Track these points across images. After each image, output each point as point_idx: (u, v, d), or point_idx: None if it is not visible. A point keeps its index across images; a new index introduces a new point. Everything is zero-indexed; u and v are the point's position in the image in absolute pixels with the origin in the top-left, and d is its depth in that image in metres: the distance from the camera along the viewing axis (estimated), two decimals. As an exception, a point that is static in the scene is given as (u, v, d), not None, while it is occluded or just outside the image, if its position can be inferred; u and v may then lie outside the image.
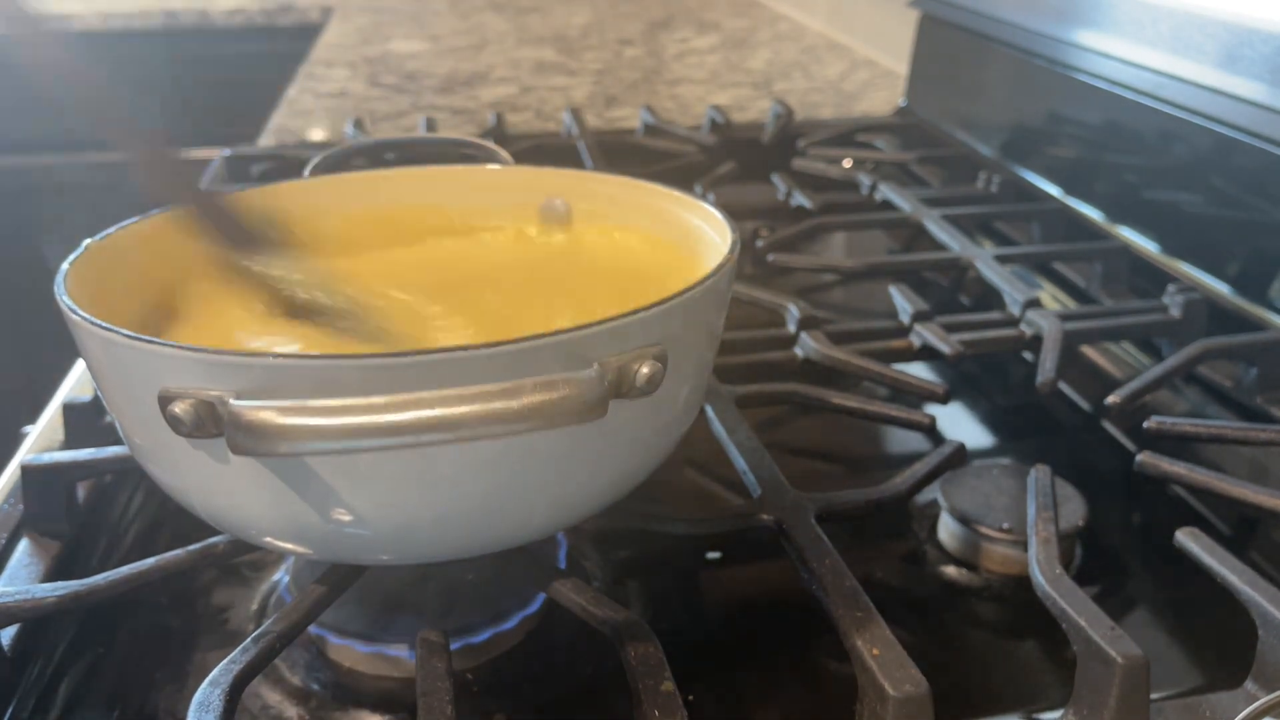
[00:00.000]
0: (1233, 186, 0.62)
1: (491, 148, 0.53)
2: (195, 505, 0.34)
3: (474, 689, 0.39)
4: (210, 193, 0.37)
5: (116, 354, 0.31)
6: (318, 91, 1.21)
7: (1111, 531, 0.48)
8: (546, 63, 1.35)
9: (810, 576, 0.38)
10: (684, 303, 0.33)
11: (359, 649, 0.39)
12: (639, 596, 0.44)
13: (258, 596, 0.44)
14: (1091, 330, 0.59)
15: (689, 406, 0.38)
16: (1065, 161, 0.79)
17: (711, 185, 0.84)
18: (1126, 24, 0.72)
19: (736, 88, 1.22)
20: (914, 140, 0.98)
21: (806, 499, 0.43)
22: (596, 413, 0.29)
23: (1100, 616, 0.34)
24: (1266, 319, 0.58)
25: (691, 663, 0.36)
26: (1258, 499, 0.42)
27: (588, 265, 0.46)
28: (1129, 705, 0.32)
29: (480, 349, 0.29)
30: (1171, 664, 0.41)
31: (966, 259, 0.68)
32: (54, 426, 0.51)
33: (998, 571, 0.45)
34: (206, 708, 0.31)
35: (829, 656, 0.40)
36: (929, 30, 1.01)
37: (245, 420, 0.27)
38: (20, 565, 0.42)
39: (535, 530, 0.36)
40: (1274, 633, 0.35)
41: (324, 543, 0.33)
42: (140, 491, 0.50)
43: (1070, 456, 0.56)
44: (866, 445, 0.57)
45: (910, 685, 0.32)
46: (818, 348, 0.56)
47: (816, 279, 0.75)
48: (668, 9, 1.74)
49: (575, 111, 0.99)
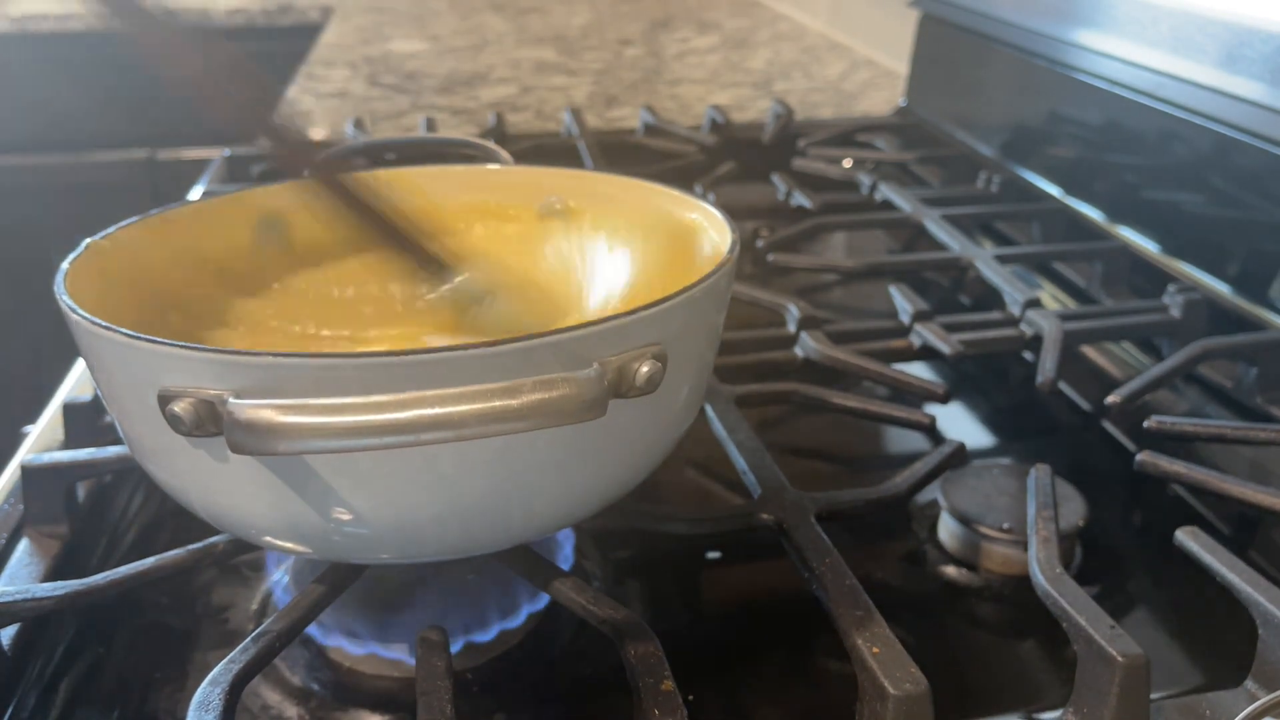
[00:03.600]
0: (1233, 186, 0.62)
1: (491, 148, 0.53)
2: (195, 505, 0.34)
3: (474, 689, 0.39)
4: (346, 172, 0.37)
5: (116, 353, 0.31)
6: (318, 91, 1.21)
7: (1111, 531, 0.48)
8: (546, 63, 1.35)
9: (810, 576, 0.38)
10: (684, 302, 0.33)
11: (358, 649, 0.39)
12: (639, 596, 0.44)
13: (258, 596, 0.44)
14: (1091, 330, 0.59)
15: (689, 406, 0.38)
16: (1065, 161, 0.79)
17: (711, 185, 0.84)
18: (1126, 24, 0.72)
19: (736, 88, 1.22)
20: (914, 140, 0.98)
21: (806, 499, 0.43)
22: (596, 412, 0.29)
23: (1100, 616, 0.34)
24: (1266, 319, 0.58)
25: (691, 663, 0.36)
26: (1258, 499, 0.42)
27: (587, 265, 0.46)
28: (1129, 705, 0.32)
29: (480, 348, 0.29)
30: (1171, 664, 0.41)
31: (966, 259, 0.68)
32: (54, 426, 0.51)
33: (998, 571, 0.45)
34: (206, 707, 0.31)
35: (829, 656, 0.40)
36: (929, 30, 1.01)
37: (244, 419, 0.27)
38: (20, 565, 0.42)
39: (535, 530, 0.36)
40: (1274, 633, 0.35)
41: (324, 542, 0.33)
42: (140, 491, 0.50)
43: (1070, 456, 0.56)
44: (866, 445, 0.57)
45: (910, 685, 0.32)
46: (818, 348, 0.56)
47: (816, 279, 0.75)
48: (668, 9, 1.74)
49: (575, 111, 0.99)
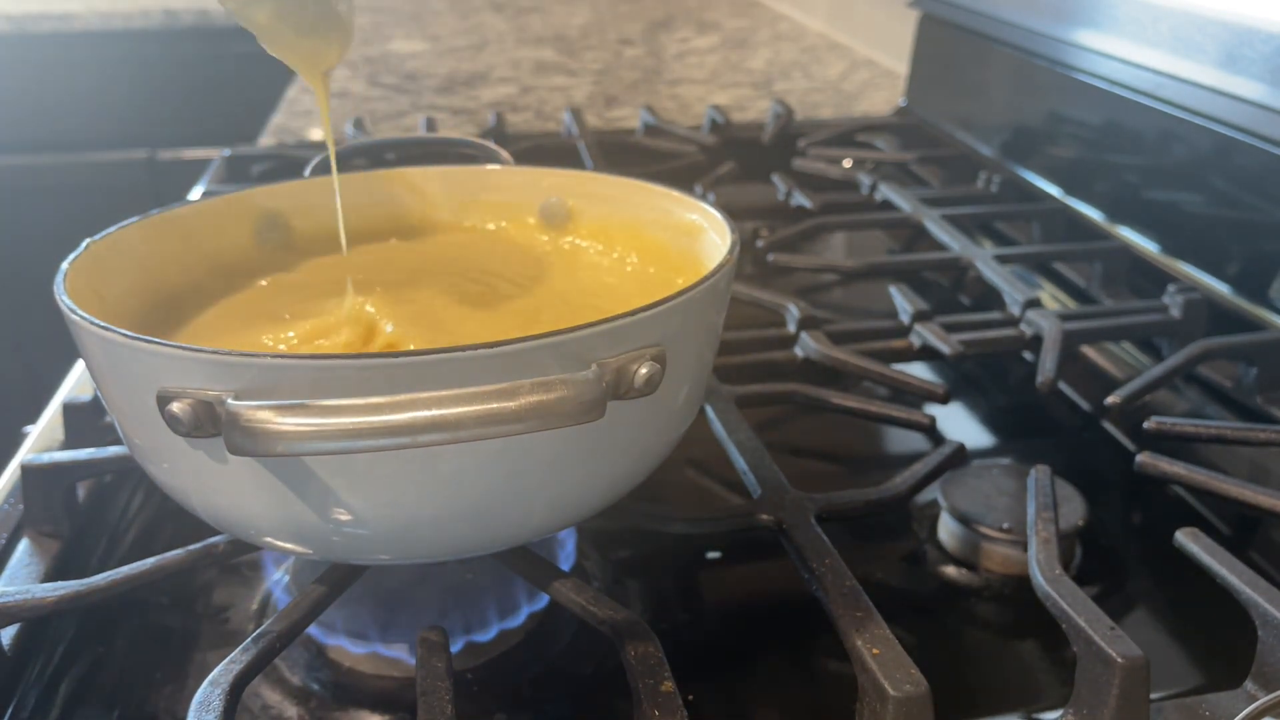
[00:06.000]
0: (1233, 186, 0.62)
1: (491, 148, 0.53)
2: (195, 505, 0.34)
3: (474, 688, 0.39)
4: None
5: (115, 354, 0.31)
6: (318, 91, 1.21)
7: (1111, 531, 0.48)
8: (546, 63, 1.35)
9: (810, 576, 0.38)
10: (683, 303, 0.33)
11: (359, 649, 0.39)
12: (639, 596, 0.44)
13: (258, 596, 0.44)
14: (1091, 330, 0.59)
15: (688, 407, 0.38)
16: (1065, 161, 0.79)
17: (711, 185, 0.84)
18: (1126, 24, 0.72)
19: (736, 88, 1.22)
20: (914, 140, 0.98)
21: (806, 499, 0.43)
22: (594, 413, 0.29)
23: (1100, 616, 0.34)
24: (1266, 319, 0.58)
25: (691, 663, 0.36)
26: (1258, 499, 0.42)
27: (587, 265, 0.46)
28: (1129, 705, 0.32)
29: (478, 349, 0.29)
30: (1171, 664, 0.41)
31: (966, 259, 0.68)
32: (54, 426, 0.51)
33: (998, 571, 0.45)
34: (206, 707, 0.31)
35: (829, 656, 0.40)
36: (929, 30, 1.01)
37: (243, 420, 0.27)
38: (20, 565, 0.42)
39: (535, 530, 0.36)
40: (1274, 633, 0.35)
41: (324, 543, 0.33)
42: (140, 491, 0.50)
43: (1070, 456, 0.56)
44: (866, 445, 0.57)
45: (910, 685, 0.32)
46: (818, 348, 0.56)
47: (816, 279, 0.75)
48: (668, 9, 1.74)
49: (575, 111, 0.99)
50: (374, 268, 0.45)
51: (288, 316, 0.39)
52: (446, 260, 0.46)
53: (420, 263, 0.45)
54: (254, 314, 0.41)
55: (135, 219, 0.41)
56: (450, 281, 0.43)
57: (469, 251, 0.47)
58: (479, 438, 0.27)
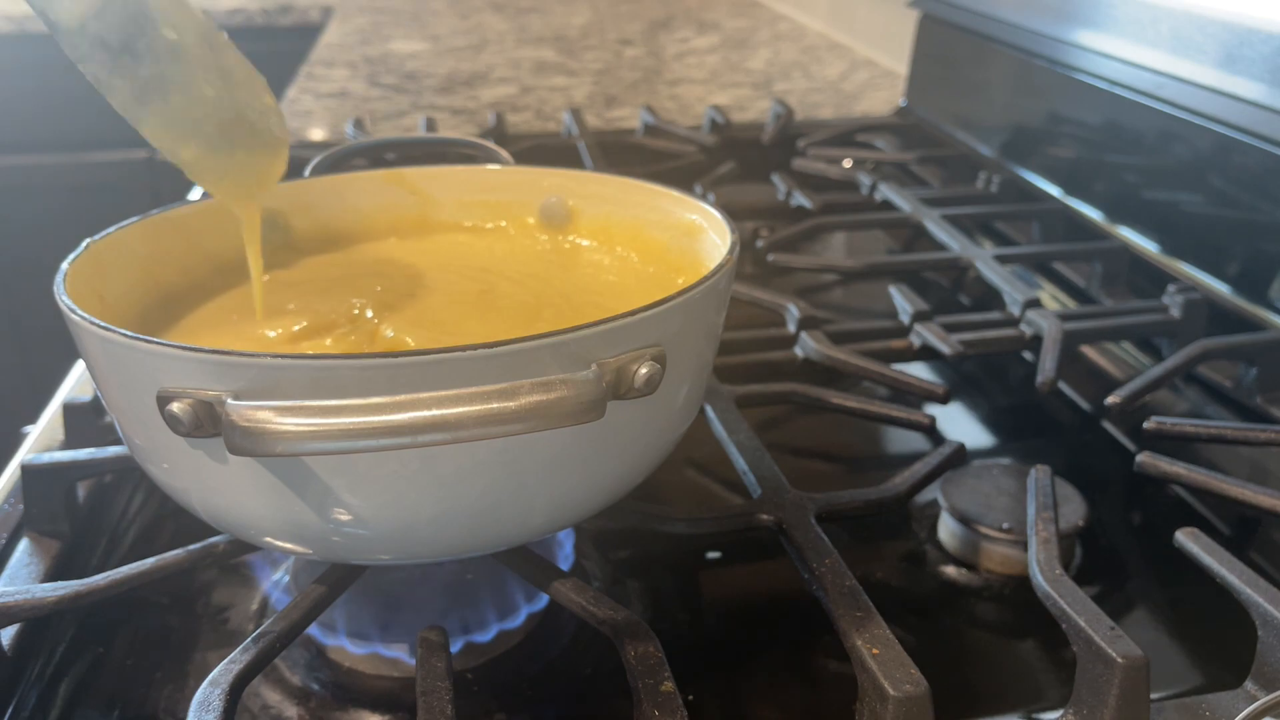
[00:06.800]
0: (1233, 186, 0.62)
1: (491, 148, 0.53)
2: (195, 505, 0.34)
3: (474, 689, 0.39)
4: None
5: (115, 354, 0.31)
6: (318, 92, 1.21)
7: (1111, 531, 0.48)
8: (546, 63, 1.35)
9: (810, 576, 0.38)
10: (683, 303, 0.33)
11: (359, 649, 0.39)
12: (639, 596, 0.44)
13: (258, 597, 0.44)
14: (1091, 330, 0.59)
15: (688, 407, 0.38)
16: (1065, 161, 0.79)
17: (711, 185, 0.84)
18: (1126, 24, 0.72)
19: (736, 88, 1.22)
20: (914, 140, 0.98)
21: (806, 499, 0.43)
22: (594, 414, 0.29)
23: (1100, 616, 0.34)
24: (1266, 319, 0.58)
25: (691, 663, 0.36)
26: (1258, 499, 0.42)
27: (587, 265, 0.46)
28: (1129, 705, 0.32)
29: (478, 349, 0.29)
30: (1171, 664, 0.41)
31: (966, 259, 0.68)
32: (54, 426, 0.51)
33: (998, 571, 0.45)
34: (206, 708, 0.31)
35: (829, 656, 0.40)
36: (929, 30, 1.01)
37: (243, 420, 0.27)
38: (20, 565, 0.42)
39: (535, 530, 0.36)
40: (1274, 633, 0.35)
41: (324, 543, 0.33)
42: (140, 491, 0.50)
43: (1070, 456, 0.56)
44: (866, 445, 0.57)
45: (910, 685, 0.32)
46: (818, 348, 0.56)
47: (816, 279, 0.75)
48: (668, 9, 1.74)
49: (575, 111, 0.99)
50: (374, 267, 0.45)
51: (288, 316, 0.39)
52: (446, 260, 0.46)
53: (420, 263, 0.45)
54: (254, 314, 0.41)
55: (135, 219, 0.41)
56: (450, 281, 0.43)
57: (469, 251, 0.47)
58: (479, 438, 0.27)
